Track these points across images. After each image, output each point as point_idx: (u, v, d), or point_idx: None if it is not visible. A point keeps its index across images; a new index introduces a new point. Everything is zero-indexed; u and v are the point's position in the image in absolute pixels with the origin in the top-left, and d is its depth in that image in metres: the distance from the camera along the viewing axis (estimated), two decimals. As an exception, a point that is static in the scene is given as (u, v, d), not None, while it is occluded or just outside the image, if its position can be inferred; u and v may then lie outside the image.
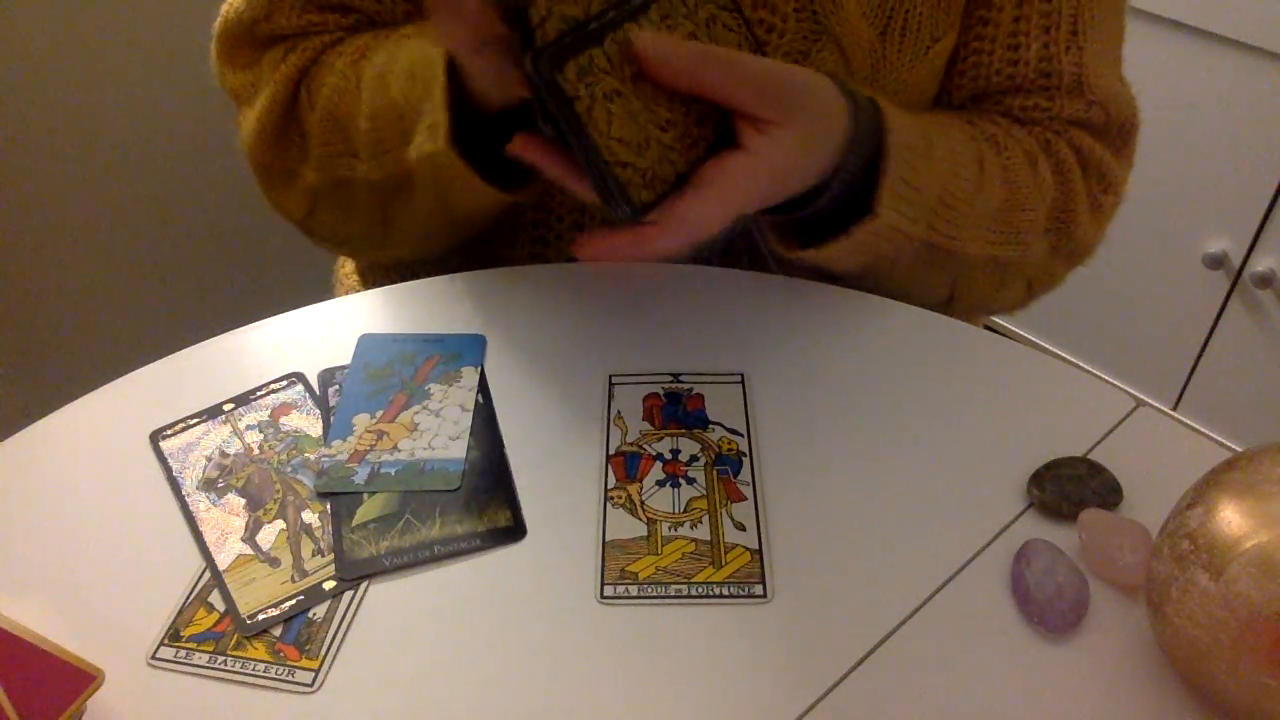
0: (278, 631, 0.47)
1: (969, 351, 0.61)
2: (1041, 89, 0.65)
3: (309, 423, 0.57)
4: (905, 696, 0.44)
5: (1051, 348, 1.65)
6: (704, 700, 0.44)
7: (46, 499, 0.53)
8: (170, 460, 0.54)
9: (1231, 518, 0.40)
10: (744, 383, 0.59)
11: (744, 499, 0.53)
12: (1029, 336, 1.68)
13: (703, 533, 0.51)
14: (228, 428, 0.56)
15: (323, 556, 0.50)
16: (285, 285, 1.50)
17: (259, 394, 0.58)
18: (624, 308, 0.63)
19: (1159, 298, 1.49)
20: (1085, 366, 1.62)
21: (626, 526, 0.51)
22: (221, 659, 0.46)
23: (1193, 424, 1.52)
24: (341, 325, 0.62)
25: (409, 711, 0.44)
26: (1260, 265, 1.37)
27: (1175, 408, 1.55)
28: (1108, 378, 1.58)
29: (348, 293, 0.80)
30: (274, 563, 0.50)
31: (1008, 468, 0.54)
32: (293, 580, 0.49)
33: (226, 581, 0.49)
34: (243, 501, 0.53)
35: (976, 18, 0.64)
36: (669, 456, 0.55)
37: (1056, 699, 0.44)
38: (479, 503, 0.52)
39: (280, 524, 0.52)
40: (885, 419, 0.57)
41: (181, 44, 1.28)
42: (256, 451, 0.55)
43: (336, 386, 0.59)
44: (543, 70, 0.46)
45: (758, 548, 0.50)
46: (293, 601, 0.48)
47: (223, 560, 0.50)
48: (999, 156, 0.62)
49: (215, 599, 0.48)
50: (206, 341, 0.61)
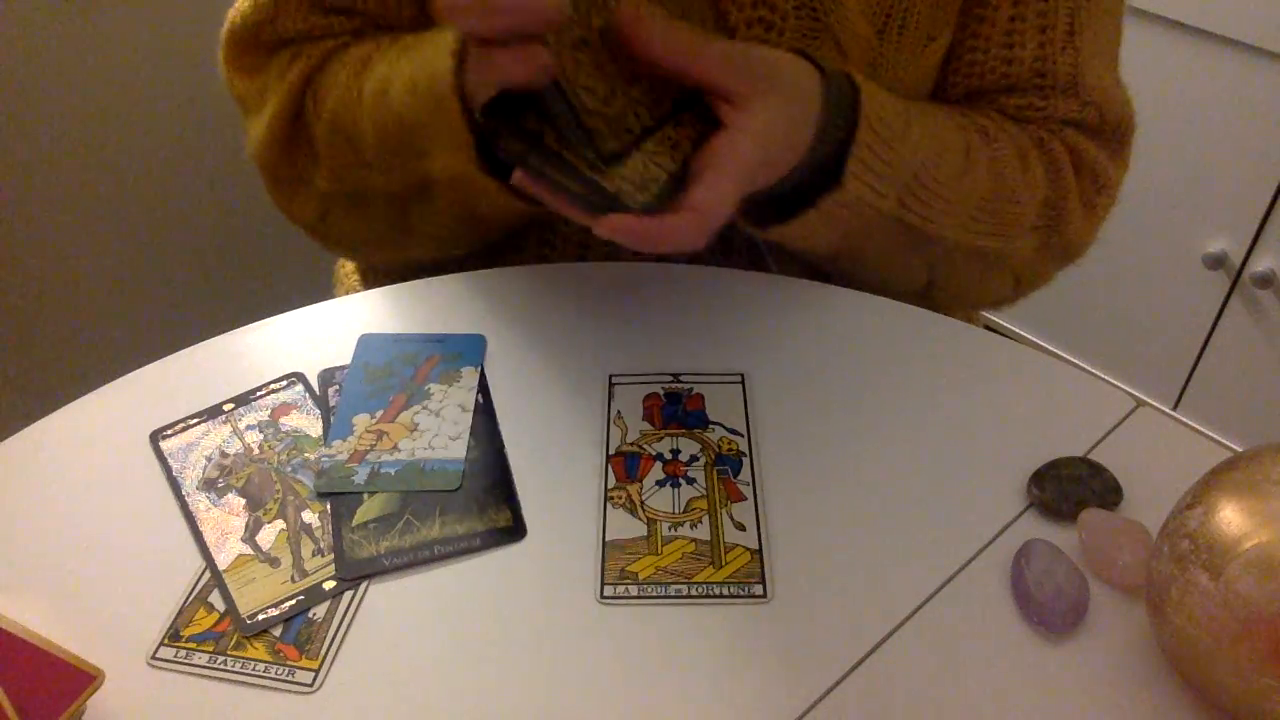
0: (278, 631, 0.47)
1: (969, 352, 0.61)
2: (1036, 88, 0.65)
3: (309, 423, 0.57)
4: (905, 696, 0.44)
5: (1051, 348, 1.65)
6: (704, 700, 0.44)
7: (46, 499, 0.53)
8: (170, 460, 0.54)
9: (1231, 518, 0.40)
10: (744, 383, 0.59)
11: (744, 499, 0.53)
12: (1029, 336, 1.68)
13: (703, 533, 0.51)
14: (228, 428, 0.56)
15: (323, 556, 0.50)
16: (285, 285, 1.50)
17: (259, 394, 0.58)
18: (624, 308, 0.63)
19: (1159, 298, 1.49)
20: (1085, 366, 1.62)
21: (626, 526, 0.51)
22: (221, 659, 0.46)
23: (1193, 424, 1.52)
24: (341, 325, 0.62)
25: (409, 711, 0.44)
26: (1260, 265, 1.37)
27: (1175, 408, 1.55)
28: (1108, 378, 1.58)
29: (348, 293, 0.80)
30: (274, 563, 0.50)
31: (1008, 468, 0.54)
32: (293, 580, 0.49)
33: (226, 581, 0.49)
34: (243, 501, 0.53)
35: (973, 16, 0.64)
36: (669, 456, 0.55)
37: (1056, 699, 0.44)
38: (479, 503, 0.52)
39: (280, 524, 0.52)
40: (885, 419, 0.57)
41: (182, 44, 1.28)
42: (256, 451, 0.55)
43: (336, 386, 0.59)
44: (515, 135, 0.48)
45: (758, 548, 0.50)
46: (293, 601, 0.48)
47: (223, 560, 0.50)
48: (988, 147, 0.62)
49: (215, 599, 0.48)
50: (206, 341, 0.61)
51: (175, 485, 0.53)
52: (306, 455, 0.55)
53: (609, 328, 0.62)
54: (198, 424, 0.56)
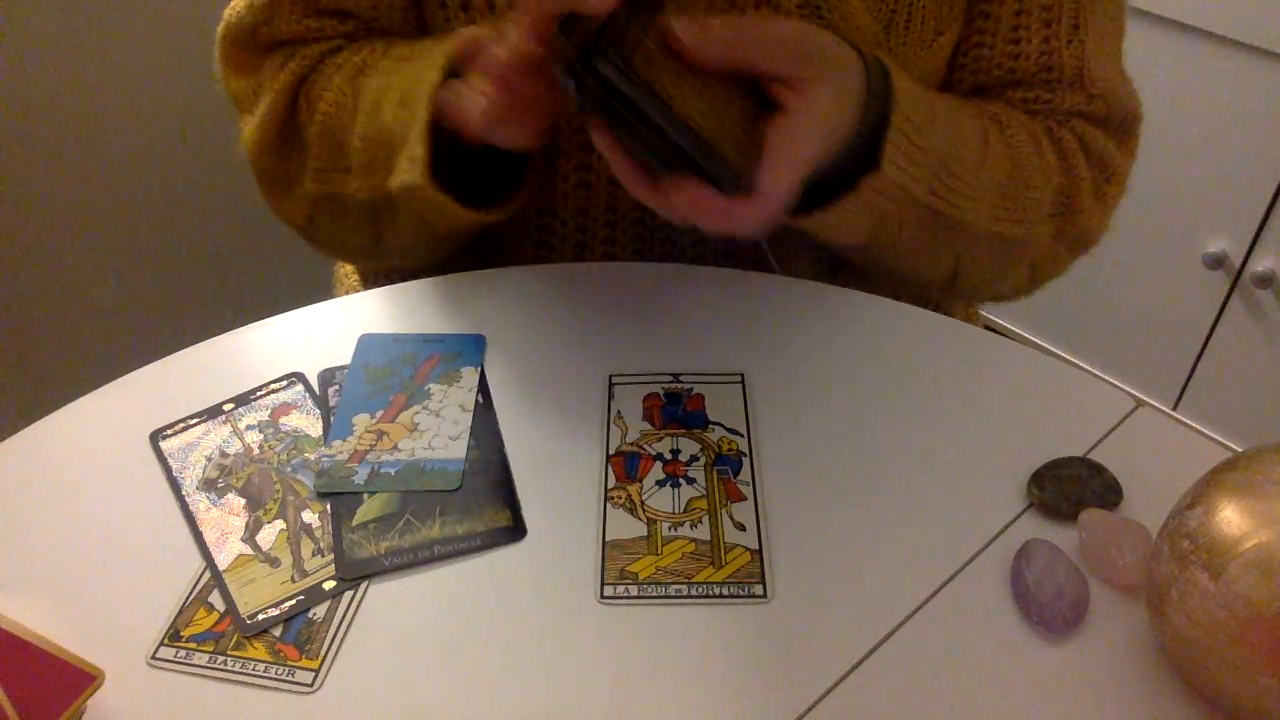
0: (278, 631, 0.47)
1: (969, 352, 0.61)
2: (1043, 82, 0.65)
3: (309, 423, 0.57)
4: (905, 696, 0.44)
5: (1051, 348, 1.65)
6: (704, 700, 0.44)
7: (46, 499, 0.53)
8: (170, 460, 0.54)
9: (1231, 518, 0.40)
10: (744, 383, 0.59)
11: (744, 499, 0.53)
12: (1029, 336, 1.68)
13: (703, 533, 0.51)
14: (228, 428, 0.56)
15: (323, 556, 0.50)
16: (285, 285, 1.50)
17: (259, 394, 0.58)
18: (624, 308, 0.63)
19: (1159, 298, 1.49)
20: (1085, 366, 1.62)
21: (626, 526, 0.51)
22: (221, 659, 0.46)
23: (1193, 424, 1.52)
24: (341, 325, 0.62)
25: (409, 711, 0.44)
26: (1260, 265, 1.37)
27: (1175, 408, 1.55)
28: (1108, 378, 1.58)
29: (348, 293, 0.80)
30: (274, 563, 0.50)
31: (1008, 468, 0.54)
32: (293, 580, 0.49)
33: (226, 581, 0.49)
34: (243, 501, 0.53)
35: (978, 11, 0.64)
36: (669, 456, 0.55)
37: (1056, 699, 0.44)
38: (479, 503, 0.52)
39: (280, 524, 0.52)
40: (885, 419, 0.57)
41: (181, 44, 1.28)
42: (256, 451, 0.55)
43: (336, 386, 0.59)
44: (614, 61, 0.47)
45: (758, 548, 0.50)
46: (293, 601, 0.48)
47: (223, 560, 0.50)
48: (1003, 134, 0.62)
49: (215, 599, 0.48)
50: (206, 341, 0.61)
51: (175, 485, 0.53)
52: (306, 455, 0.55)
53: (609, 328, 0.62)
54: (198, 424, 0.56)
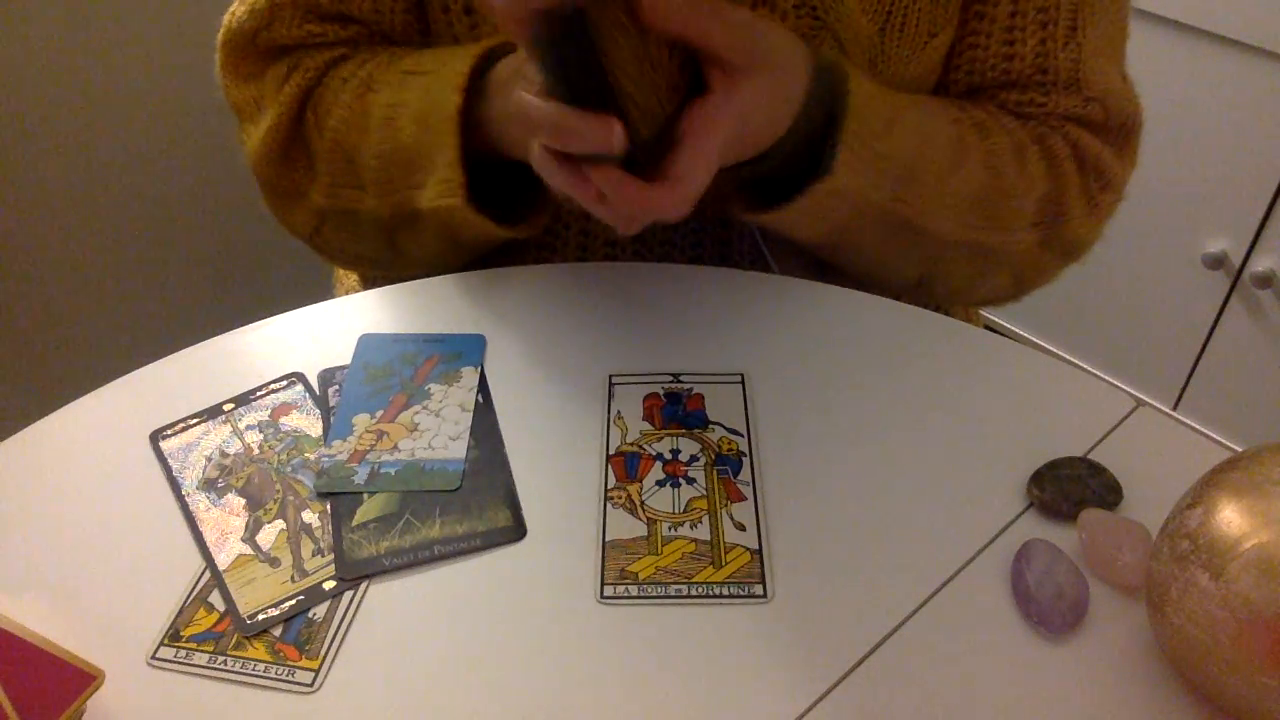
0: (278, 631, 0.47)
1: (969, 352, 0.61)
2: (1038, 85, 0.65)
3: (309, 423, 0.57)
4: (905, 696, 0.44)
5: (1051, 348, 1.65)
6: (704, 700, 0.44)
7: (46, 499, 0.53)
8: (170, 460, 0.54)
9: (1231, 518, 0.40)
10: (744, 383, 0.59)
11: (744, 499, 0.53)
12: (1029, 336, 1.68)
13: (703, 533, 0.51)
14: (228, 428, 0.56)
15: (323, 556, 0.50)
16: (285, 285, 1.50)
17: (259, 394, 0.58)
18: (624, 308, 0.63)
19: (1159, 298, 1.49)
20: (1085, 366, 1.62)
21: (626, 526, 0.51)
22: (221, 659, 0.46)
23: (1193, 424, 1.52)
24: (341, 325, 0.62)
25: (409, 711, 0.44)
26: (1260, 265, 1.37)
27: (1175, 408, 1.55)
28: (1108, 378, 1.58)
29: (348, 293, 0.80)
30: (274, 563, 0.50)
31: (1008, 468, 0.54)
32: (293, 580, 0.49)
33: (226, 581, 0.49)
34: (243, 501, 0.53)
35: (973, 12, 0.64)
36: (669, 456, 0.55)
37: (1056, 699, 0.44)
38: (479, 503, 0.52)
39: (280, 524, 0.52)
40: (885, 419, 0.57)
41: (182, 44, 1.28)
42: (256, 451, 0.55)
43: (336, 386, 0.59)
44: None
45: (758, 548, 0.50)
46: (293, 601, 0.48)
47: (223, 560, 0.50)
48: (983, 141, 0.62)
49: (215, 599, 0.48)
50: (206, 341, 0.61)
51: (175, 485, 0.53)
52: (306, 455, 0.55)
53: (609, 328, 0.62)
54: (198, 424, 0.56)
